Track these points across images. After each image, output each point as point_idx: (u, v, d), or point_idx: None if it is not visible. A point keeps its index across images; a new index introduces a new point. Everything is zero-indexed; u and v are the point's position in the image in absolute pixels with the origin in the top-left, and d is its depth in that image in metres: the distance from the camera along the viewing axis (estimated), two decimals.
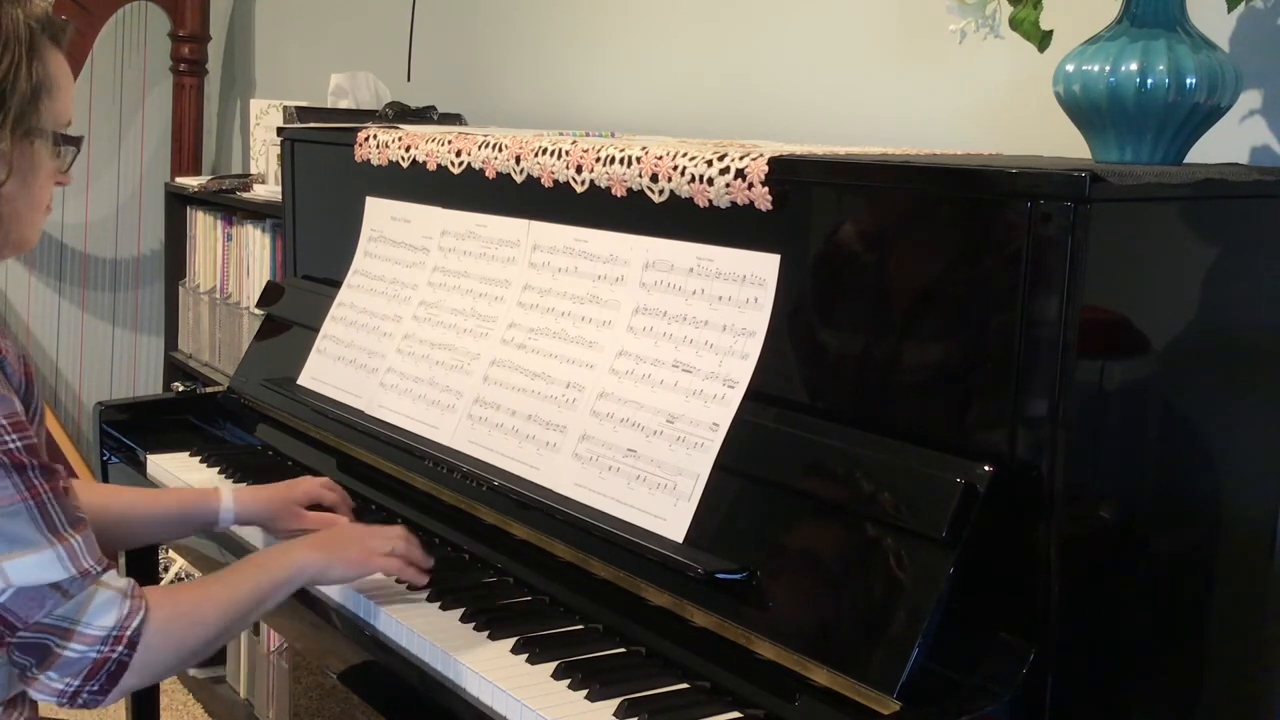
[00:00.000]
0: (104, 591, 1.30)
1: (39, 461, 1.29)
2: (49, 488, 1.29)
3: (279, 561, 1.51)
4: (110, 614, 1.30)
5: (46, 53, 1.35)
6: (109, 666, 1.30)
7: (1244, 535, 1.48)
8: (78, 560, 1.29)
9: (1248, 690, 1.55)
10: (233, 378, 2.40)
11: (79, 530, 1.30)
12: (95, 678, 1.29)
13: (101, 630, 1.29)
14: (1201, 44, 1.38)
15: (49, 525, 1.27)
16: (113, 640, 1.29)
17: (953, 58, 1.81)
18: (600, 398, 1.62)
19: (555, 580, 1.60)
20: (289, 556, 1.53)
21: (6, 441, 1.26)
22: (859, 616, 1.28)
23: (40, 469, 1.29)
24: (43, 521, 1.27)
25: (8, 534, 1.26)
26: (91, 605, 1.29)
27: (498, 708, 1.37)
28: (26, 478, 1.27)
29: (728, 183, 1.49)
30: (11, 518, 1.26)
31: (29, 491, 1.27)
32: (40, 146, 1.35)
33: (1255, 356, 1.44)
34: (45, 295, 3.97)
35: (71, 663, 1.28)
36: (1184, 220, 1.34)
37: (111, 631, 1.29)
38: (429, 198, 2.04)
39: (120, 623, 1.30)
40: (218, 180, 3.24)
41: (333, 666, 1.66)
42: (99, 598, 1.29)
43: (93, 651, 1.28)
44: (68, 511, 1.30)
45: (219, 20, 4.05)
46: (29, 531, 1.26)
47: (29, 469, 1.27)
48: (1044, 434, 1.23)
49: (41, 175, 1.37)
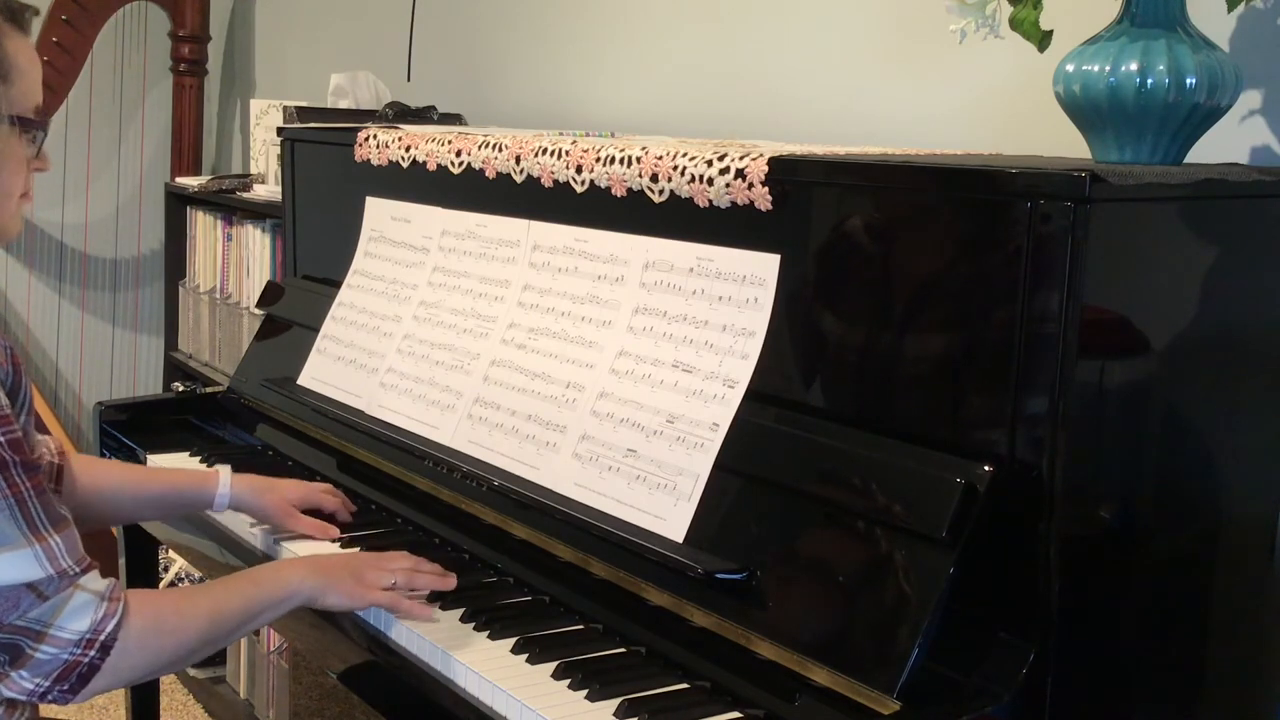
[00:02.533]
0: (80, 594, 1.28)
1: (21, 458, 1.27)
2: (31, 485, 1.27)
3: (273, 580, 1.48)
4: (85, 618, 1.28)
5: (8, 37, 1.33)
6: (80, 670, 1.28)
7: (1244, 535, 1.48)
8: (55, 561, 1.27)
9: (1248, 690, 1.55)
10: (233, 378, 2.40)
11: (60, 529, 1.29)
12: (65, 680, 1.28)
13: (74, 634, 1.27)
14: (1201, 44, 1.38)
15: (29, 524, 1.26)
16: (85, 644, 1.28)
17: (953, 58, 1.81)
18: (600, 398, 1.62)
19: (555, 580, 1.60)
20: (284, 577, 1.49)
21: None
22: (859, 616, 1.28)
23: (23, 465, 1.27)
24: (23, 520, 1.25)
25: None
26: (66, 608, 1.27)
27: (498, 707, 1.37)
28: (7, 474, 1.25)
29: (728, 183, 1.49)
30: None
31: (9, 489, 1.25)
32: (7, 132, 1.33)
33: (1255, 356, 1.44)
34: (45, 295, 3.97)
35: (42, 664, 1.27)
36: (1184, 220, 1.34)
37: (84, 635, 1.28)
38: (429, 198, 2.04)
39: (94, 626, 1.28)
40: (218, 180, 3.24)
41: (333, 667, 1.66)
42: (75, 600, 1.28)
43: (64, 654, 1.27)
44: (49, 510, 1.28)
45: (219, 20, 4.05)
46: (7, 530, 1.25)
47: (10, 465, 1.25)
48: (1044, 434, 1.23)
49: (11, 162, 1.35)
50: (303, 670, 2.77)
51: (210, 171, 3.94)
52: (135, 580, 2.33)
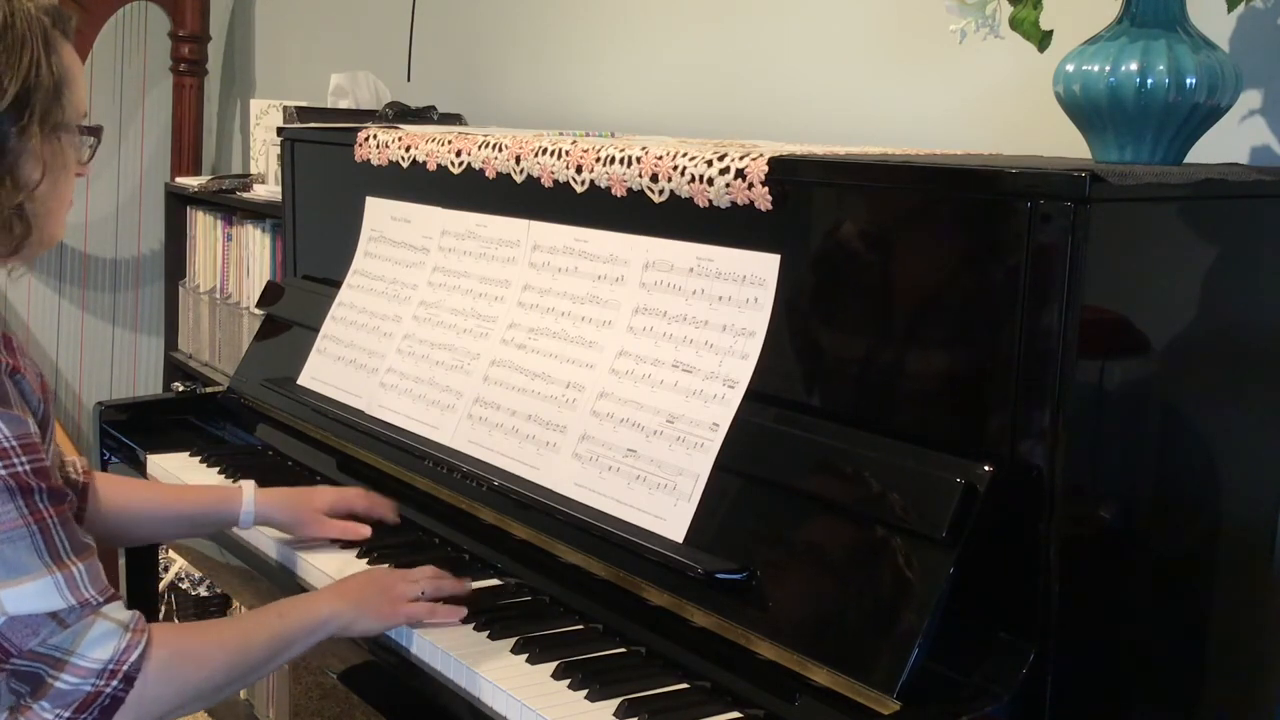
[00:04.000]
0: (103, 623, 1.26)
1: (47, 485, 1.26)
2: (54, 513, 1.26)
3: (302, 612, 1.45)
4: (107, 646, 1.25)
5: (60, 45, 1.34)
6: (102, 700, 1.24)
7: (1244, 535, 1.48)
8: (77, 590, 1.25)
9: (1248, 690, 1.55)
10: (233, 378, 2.40)
11: (83, 558, 1.27)
12: (88, 710, 1.24)
13: (96, 663, 1.24)
14: (1201, 44, 1.38)
15: (51, 552, 1.24)
16: (108, 674, 1.25)
17: (953, 58, 1.81)
18: (600, 398, 1.62)
19: (555, 580, 1.60)
20: (314, 607, 1.46)
21: (15, 464, 1.24)
22: (859, 616, 1.28)
23: (48, 492, 1.26)
24: (45, 548, 1.24)
25: (8, 560, 1.22)
26: (88, 636, 1.24)
27: (498, 708, 1.37)
28: (31, 502, 1.24)
29: (728, 183, 1.49)
30: (13, 543, 1.23)
31: (32, 516, 1.24)
32: (66, 141, 1.35)
33: (1255, 356, 1.44)
34: (45, 295, 3.97)
35: (63, 694, 1.23)
36: (1184, 220, 1.34)
37: (107, 665, 1.25)
38: (429, 198, 2.04)
39: (116, 656, 1.25)
40: (218, 180, 3.24)
41: (333, 666, 1.66)
42: (96, 629, 1.25)
43: (86, 684, 1.24)
44: (72, 538, 1.27)
45: (219, 20, 4.05)
46: (29, 559, 1.23)
47: (35, 492, 1.24)
48: (1044, 434, 1.23)
49: (69, 170, 1.37)
50: (303, 670, 2.77)
51: (210, 171, 3.94)
52: (135, 580, 2.33)
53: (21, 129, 1.28)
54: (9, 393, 1.27)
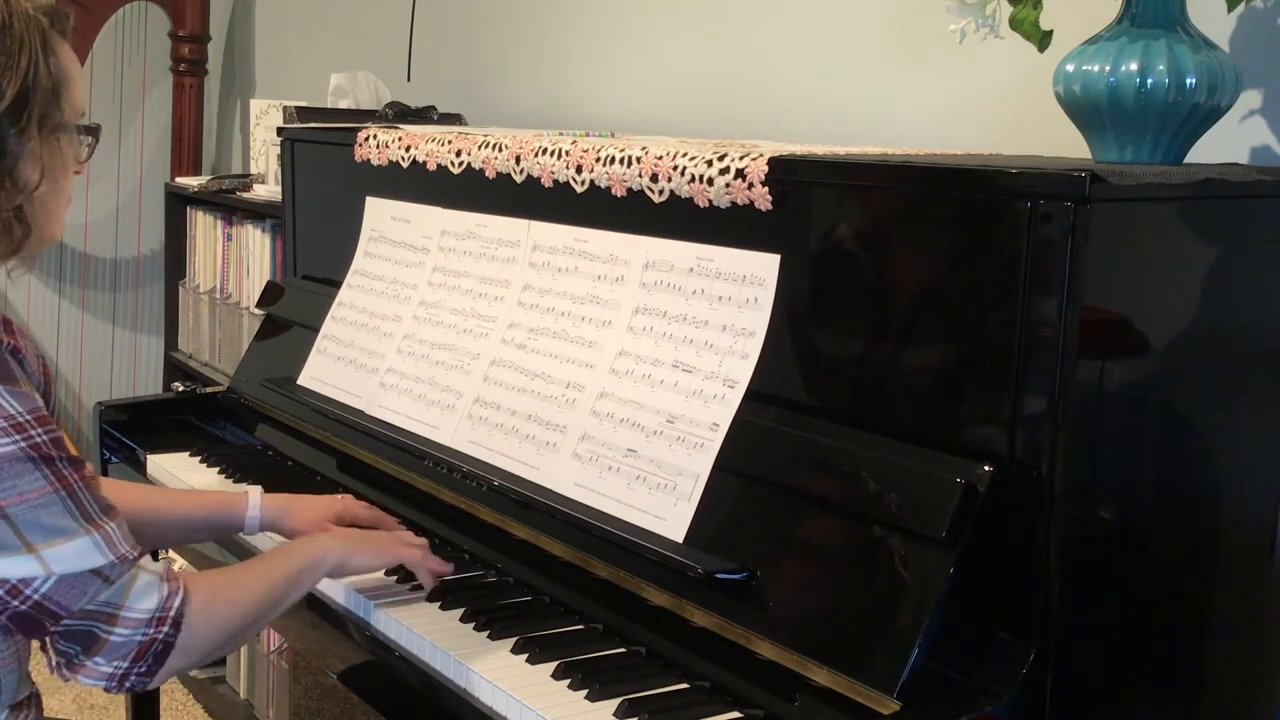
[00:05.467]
0: (144, 575, 1.31)
1: (65, 454, 1.30)
2: (78, 477, 1.29)
3: (302, 549, 1.54)
4: (152, 596, 1.31)
5: (58, 46, 1.35)
6: (155, 648, 1.31)
7: (1244, 535, 1.48)
8: (114, 546, 1.29)
9: (1248, 690, 1.55)
10: (233, 378, 2.40)
11: (112, 517, 1.31)
12: (143, 659, 1.31)
13: (145, 613, 1.30)
14: (1201, 44, 1.38)
15: (83, 513, 1.28)
16: (157, 622, 1.31)
17: (953, 58, 1.81)
18: (600, 398, 1.62)
19: (555, 580, 1.60)
20: (313, 543, 1.55)
21: (33, 435, 1.26)
22: (859, 616, 1.28)
23: (67, 460, 1.29)
24: (76, 510, 1.28)
25: (44, 524, 1.26)
26: (134, 589, 1.30)
27: (498, 708, 1.37)
28: (56, 469, 1.27)
29: (728, 183, 1.49)
30: (46, 508, 1.26)
31: (59, 482, 1.27)
32: (65, 142, 1.36)
33: (1255, 356, 1.44)
34: (45, 295, 3.97)
35: (118, 646, 1.29)
36: (1184, 220, 1.34)
37: (155, 613, 1.31)
38: (429, 198, 2.04)
39: (162, 604, 1.31)
40: (218, 180, 3.24)
41: (333, 666, 1.66)
42: (140, 581, 1.31)
43: (138, 634, 1.30)
44: (99, 500, 1.31)
45: (219, 20, 4.05)
46: (64, 521, 1.27)
47: (57, 460, 1.28)
48: (1044, 434, 1.23)
49: (68, 169, 1.38)
50: (302, 670, 2.77)
51: (210, 171, 3.94)
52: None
53: (20, 131, 1.29)
54: (14, 370, 1.29)
